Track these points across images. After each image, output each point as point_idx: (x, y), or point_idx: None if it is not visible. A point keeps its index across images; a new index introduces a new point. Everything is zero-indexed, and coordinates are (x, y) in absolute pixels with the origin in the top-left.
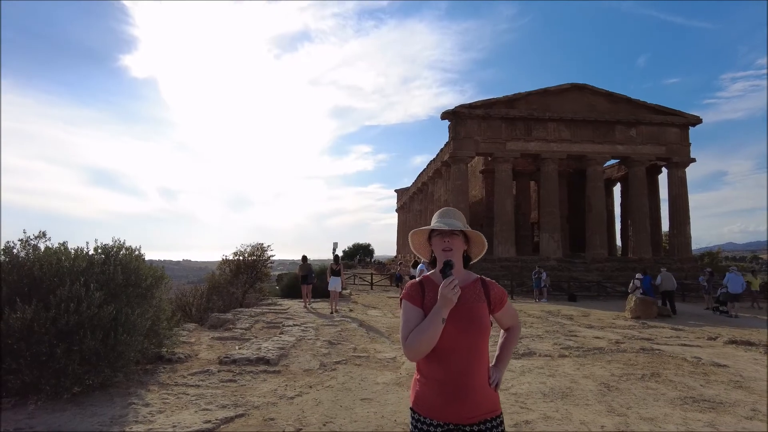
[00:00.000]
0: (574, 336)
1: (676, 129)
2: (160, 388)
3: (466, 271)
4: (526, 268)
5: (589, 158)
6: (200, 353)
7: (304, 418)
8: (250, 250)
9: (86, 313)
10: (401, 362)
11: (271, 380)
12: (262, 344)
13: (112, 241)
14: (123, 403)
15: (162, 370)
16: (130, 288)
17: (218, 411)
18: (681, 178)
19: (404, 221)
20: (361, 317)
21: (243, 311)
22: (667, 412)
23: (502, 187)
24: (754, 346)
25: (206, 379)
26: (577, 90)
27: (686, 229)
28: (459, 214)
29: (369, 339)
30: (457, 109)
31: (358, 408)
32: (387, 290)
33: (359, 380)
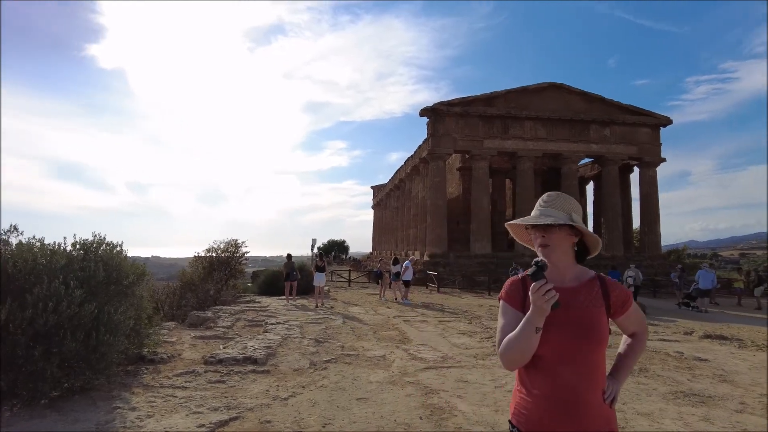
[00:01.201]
0: None
1: (648, 129)
2: (146, 391)
3: (580, 268)
4: (501, 264)
5: (565, 157)
6: (183, 353)
7: (301, 420)
8: (223, 246)
9: (66, 313)
10: (391, 360)
11: (261, 380)
12: (247, 343)
13: (92, 236)
14: (107, 408)
15: (145, 371)
16: (111, 285)
17: (211, 414)
18: (652, 178)
19: (380, 218)
20: (344, 314)
21: (223, 309)
22: (662, 407)
23: (479, 184)
24: (728, 340)
25: (193, 380)
26: (555, 89)
27: (656, 227)
28: (567, 201)
29: (355, 337)
30: (436, 106)
31: (355, 408)
32: (365, 287)
33: (352, 379)
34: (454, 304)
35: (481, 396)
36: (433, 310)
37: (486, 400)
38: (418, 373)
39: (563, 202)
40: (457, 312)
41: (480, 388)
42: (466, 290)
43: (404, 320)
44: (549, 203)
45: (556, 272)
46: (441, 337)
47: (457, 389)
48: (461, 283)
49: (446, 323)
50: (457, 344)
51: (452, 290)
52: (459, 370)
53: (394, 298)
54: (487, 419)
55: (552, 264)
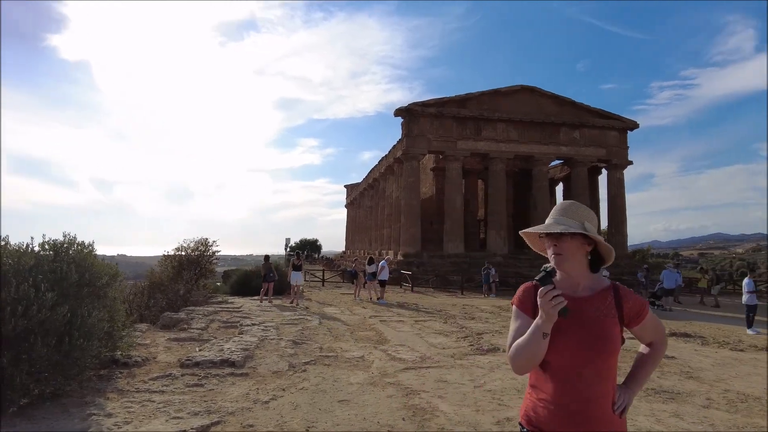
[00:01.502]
0: None
1: (616, 132)
2: (121, 396)
3: (594, 278)
4: (474, 264)
5: (536, 159)
6: (158, 356)
7: (284, 424)
8: (193, 245)
9: (37, 317)
10: (370, 361)
11: (240, 383)
12: (224, 345)
13: (63, 236)
14: (81, 415)
15: (118, 375)
16: (85, 287)
17: (191, 419)
18: (619, 179)
19: (354, 217)
20: (320, 315)
21: (196, 310)
22: (634, 404)
23: (453, 185)
24: (691, 337)
25: (170, 384)
26: (527, 92)
27: (623, 228)
28: (580, 210)
29: (333, 338)
30: (411, 106)
31: (337, 410)
32: (339, 286)
33: (332, 381)
34: (428, 303)
35: (462, 396)
36: (409, 310)
37: (466, 400)
38: (398, 374)
39: (576, 211)
40: (432, 311)
41: (460, 388)
42: (439, 289)
43: (381, 320)
44: (562, 212)
45: (569, 281)
46: (418, 337)
47: (437, 389)
48: (435, 283)
49: (422, 323)
50: (434, 344)
51: (426, 289)
52: (438, 370)
53: (369, 297)
54: (469, 419)
55: (565, 273)
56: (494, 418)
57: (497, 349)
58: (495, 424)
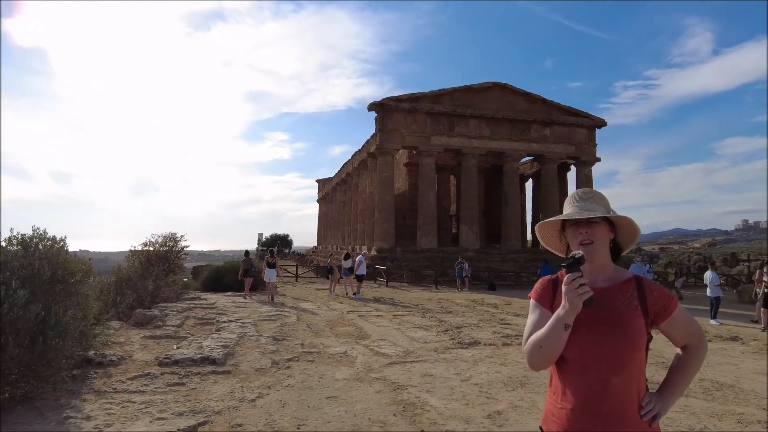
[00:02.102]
0: (507, 324)
1: (585, 130)
2: (98, 397)
3: (615, 268)
4: (447, 259)
5: (507, 155)
6: (134, 354)
7: (274, 422)
8: (161, 240)
9: (8, 316)
10: (354, 356)
11: (223, 381)
12: (203, 342)
13: (32, 230)
14: (57, 418)
15: (93, 375)
16: (58, 284)
17: (177, 420)
18: (588, 176)
19: (326, 212)
20: (296, 311)
21: (169, 307)
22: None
23: (426, 180)
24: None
25: (150, 384)
26: (499, 89)
27: None
28: (600, 197)
29: (313, 333)
30: (385, 101)
31: (326, 407)
32: (313, 282)
33: (318, 378)
34: (404, 298)
35: (449, 390)
36: (386, 305)
37: (454, 394)
38: (383, 369)
39: (599, 198)
40: (409, 306)
41: (446, 382)
42: (413, 284)
43: (359, 315)
44: (586, 198)
45: (592, 271)
46: (398, 332)
47: (424, 384)
48: (409, 277)
49: (401, 317)
50: (415, 338)
51: (400, 284)
52: (422, 364)
53: (345, 293)
54: (460, 413)
55: (594, 262)
56: (484, 412)
57: (478, 343)
58: (486, 418)
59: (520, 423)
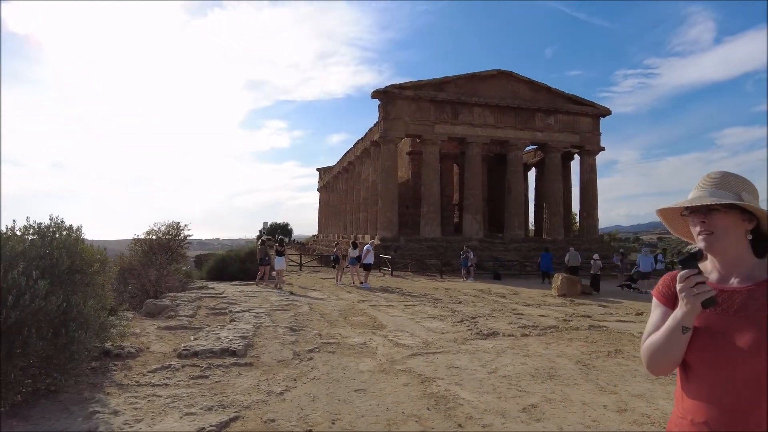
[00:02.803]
0: (520, 315)
1: (589, 119)
2: (122, 391)
3: (759, 264)
4: (450, 248)
5: (511, 144)
6: (151, 346)
7: (306, 417)
8: (164, 228)
9: (30, 307)
10: (374, 347)
11: (247, 374)
12: (220, 334)
13: (50, 219)
14: (84, 413)
15: (113, 367)
16: (76, 274)
17: (207, 415)
18: (591, 165)
19: (327, 201)
20: (307, 300)
21: (180, 297)
22: (650, 387)
23: (430, 169)
24: None
25: (172, 377)
26: (504, 76)
27: (595, 213)
28: (737, 180)
29: (328, 324)
30: (388, 89)
31: (357, 401)
32: (317, 271)
33: (342, 369)
34: (410, 287)
35: (478, 383)
36: (394, 294)
37: (484, 386)
38: (406, 361)
39: (731, 181)
40: (417, 295)
41: (473, 374)
42: (417, 273)
43: (370, 305)
44: (714, 183)
45: (719, 267)
46: (413, 322)
47: (451, 376)
48: (413, 267)
49: (412, 307)
50: (431, 329)
51: (405, 273)
52: (445, 356)
53: (352, 282)
54: (494, 407)
55: (717, 256)
56: (518, 405)
57: (497, 334)
58: (521, 412)
59: (558, 417)
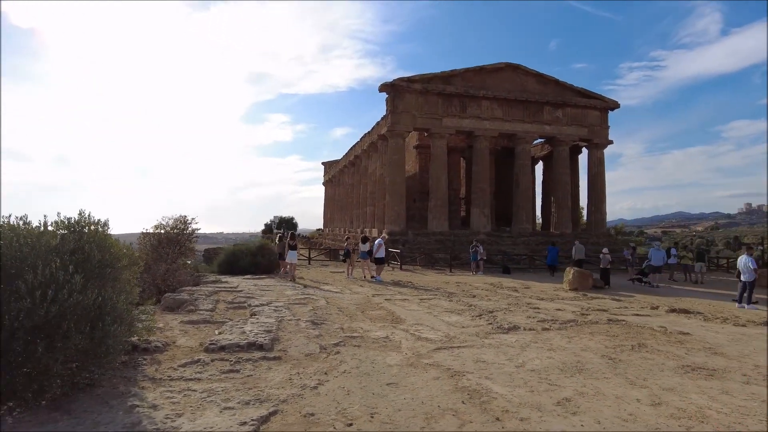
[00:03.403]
0: (537, 309)
1: (597, 112)
2: (156, 385)
3: None
4: (458, 242)
5: (519, 137)
6: (177, 340)
7: (345, 411)
8: (172, 222)
9: (68, 302)
10: (397, 342)
11: (277, 368)
12: (244, 328)
13: (78, 214)
14: (124, 407)
15: (142, 361)
16: (107, 269)
17: (245, 409)
18: (599, 159)
19: (332, 195)
20: (322, 294)
21: (197, 291)
22: (679, 381)
23: (438, 163)
24: (691, 314)
25: (203, 371)
26: (511, 69)
27: (602, 206)
28: None
29: (347, 318)
30: (396, 82)
31: (391, 395)
32: (326, 265)
33: (370, 363)
34: (421, 281)
35: (508, 377)
36: (407, 288)
37: (515, 380)
38: (432, 355)
39: None
40: (430, 289)
41: (501, 368)
42: (426, 267)
43: (385, 299)
44: None
45: None
46: (431, 316)
47: (480, 370)
48: (421, 261)
49: (428, 301)
50: (451, 323)
51: (414, 267)
52: (470, 350)
53: (363, 276)
54: (528, 401)
55: None
56: (552, 399)
57: (518, 328)
58: (556, 405)
59: (594, 410)
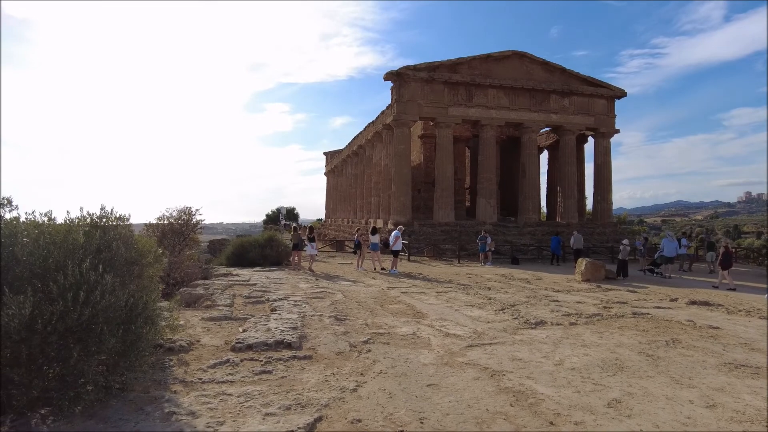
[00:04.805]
0: (557, 302)
1: (604, 101)
2: (188, 389)
3: None
4: (464, 232)
5: (526, 126)
6: (201, 338)
7: (391, 416)
8: (176, 214)
9: (101, 303)
10: (425, 338)
11: (309, 368)
12: (268, 324)
13: (100, 209)
14: (159, 414)
15: (169, 362)
16: (134, 267)
17: (289, 415)
18: (606, 148)
19: (335, 185)
20: (338, 287)
21: (212, 285)
22: (727, 380)
23: (444, 152)
24: (712, 306)
25: (234, 372)
26: (518, 57)
27: (609, 196)
28: None
29: (368, 312)
30: (402, 70)
31: (434, 397)
32: (333, 256)
33: (404, 363)
34: (432, 272)
35: (549, 376)
36: (419, 280)
37: (557, 380)
38: (465, 353)
39: None
40: (443, 281)
41: (540, 366)
42: (434, 258)
43: (402, 292)
44: None
45: None
46: (452, 310)
47: (519, 369)
48: (429, 252)
49: (444, 294)
50: (475, 318)
51: (421, 258)
52: (502, 347)
53: (374, 267)
54: (577, 402)
55: None
56: (601, 400)
57: (545, 323)
58: (608, 407)
59: (648, 413)
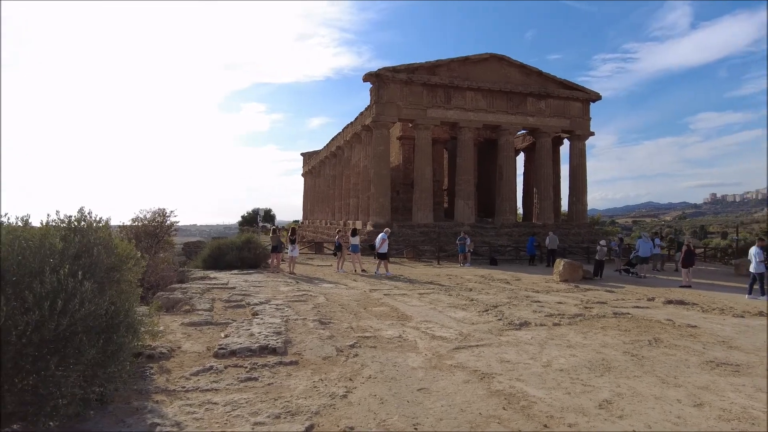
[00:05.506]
0: (538, 302)
1: (579, 103)
2: (171, 398)
3: None
4: (443, 233)
5: (503, 128)
6: (182, 345)
7: (384, 423)
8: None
9: (80, 312)
10: (412, 341)
11: (296, 374)
12: (251, 329)
13: (78, 212)
14: (142, 425)
15: (150, 370)
16: (114, 272)
17: (279, 424)
18: (581, 150)
19: (313, 186)
20: (319, 290)
21: (189, 288)
22: (711, 378)
23: (422, 154)
24: (688, 305)
25: (219, 380)
26: (496, 60)
27: (584, 197)
28: None
29: (352, 315)
30: (381, 71)
31: (426, 402)
32: (311, 258)
33: (392, 367)
34: (412, 274)
35: (539, 378)
36: (401, 282)
37: (547, 382)
38: (453, 355)
39: None
40: (424, 282)
41: (528, 368)
42: (413, 259)
43: (384, 294)
44: None
45: None
46: (436, 312)
47: (508, 371)
48: (409, 253)
49: (427, 296)
50: (459, 319)
51: (401, 260)
52: (489, 348)
53: (354, 270)
54: (569, 404)
55: None
56: (592, 401)
57: (528, 324)
58: (599, 408)
59: (639, 413)
